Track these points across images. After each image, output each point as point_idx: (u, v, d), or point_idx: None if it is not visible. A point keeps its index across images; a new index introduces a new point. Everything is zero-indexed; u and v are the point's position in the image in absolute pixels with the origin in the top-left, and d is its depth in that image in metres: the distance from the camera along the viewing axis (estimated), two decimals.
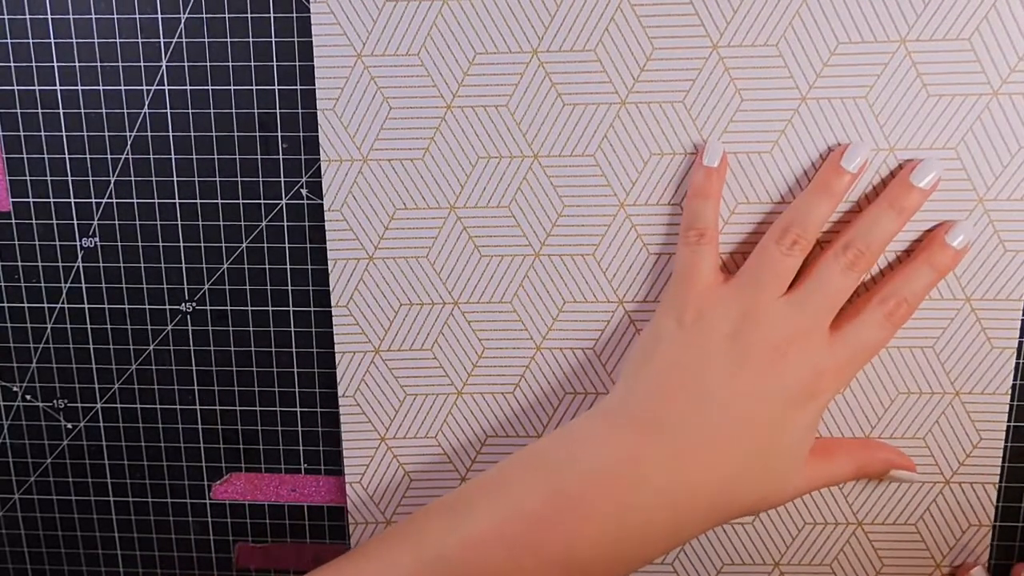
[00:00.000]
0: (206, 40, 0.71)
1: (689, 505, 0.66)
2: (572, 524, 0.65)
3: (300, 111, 0.72)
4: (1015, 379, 0.73)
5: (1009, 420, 0.74)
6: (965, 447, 0.75)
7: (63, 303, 0.77)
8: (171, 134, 0.73)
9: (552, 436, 0.70)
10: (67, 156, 0.74)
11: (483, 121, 0.71)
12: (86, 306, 0.77)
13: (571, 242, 0.73)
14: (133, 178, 0.74)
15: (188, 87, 0.72)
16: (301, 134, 0.72)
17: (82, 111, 0.73)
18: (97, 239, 0.76)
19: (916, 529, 0.77)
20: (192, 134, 0.73)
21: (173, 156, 0.73)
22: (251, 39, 0.71)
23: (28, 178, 0.75)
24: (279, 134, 0.72)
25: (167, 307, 0.77)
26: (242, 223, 0.74)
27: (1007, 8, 0.67)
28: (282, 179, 0.73)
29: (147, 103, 0.72)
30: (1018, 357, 0.73)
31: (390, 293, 0.75)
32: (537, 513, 0.65)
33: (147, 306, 0.77)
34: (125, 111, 0.73)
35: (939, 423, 0.75)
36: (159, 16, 0.71)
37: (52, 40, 0.72)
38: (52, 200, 0.75)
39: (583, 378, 0.76)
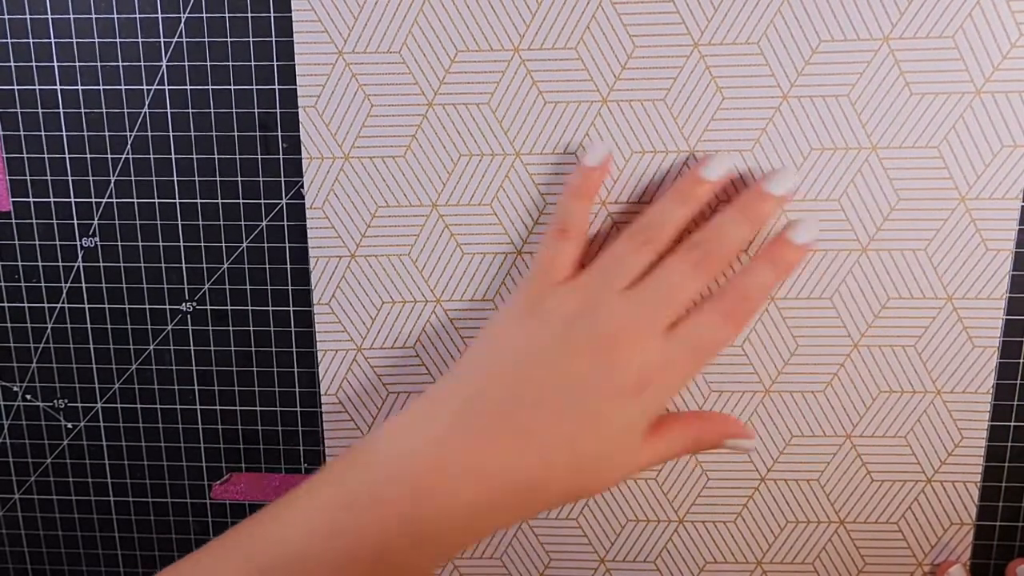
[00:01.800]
0: (206, 40, 0.69)
1: (497, 487, 0.62)
2: (371, 519, 0.61)
3: (300, 111, 0.69)
4: (996, 378, 0.71)
5: (990, 419, 0.71)
6: (947, 446, 0.72)
7: (63, 303, 0.75)
8: (171, 134, 0.71)
9: (382, 425, 0.65)
10: (67, 156, 0.72)
11: (464, 119, 0.69)
12: (86, 306, 0.75)
13: None
14: (133, 178, 0.72)
15: (188, 87, 0.70)
16: (300, 134, 0.69)
17: (82, 111, 0.71)
18: (97, 239, 0.73)
19: (898, 527, 0.74)
20: (192, 134, 0.70)
21: (173, 156, 0.71)
22: (251, 39, 0.68)
23: (28, 178, 0.72)
24: (279, 134, 0.70)
25: (167, 307, 0.74)
26: (242, 223, 0.72)
27: (991, 6, 0.64)
28: (282, 179, 0.71)
29: (147, 103, 0.70)
30: (1000, 356, 0.70)
31: (372, 291, 0.72)
32: (342, 519, 0.61)
33: (147, 306, 0.74)
34: (125, 111, 0.70)
35: (921, 422, 0.72)
36: (159, 16, 0.68)
37: (52, 40, 0.69)
38: (52, 200, 0.73)
39: None
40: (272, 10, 0.68)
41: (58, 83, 0.70)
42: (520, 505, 0.63)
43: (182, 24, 0.68)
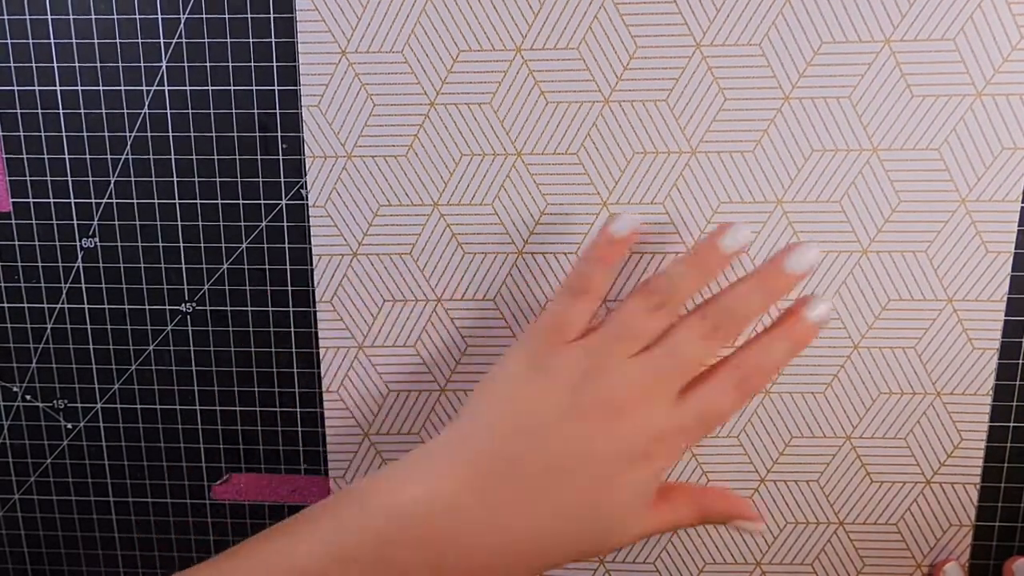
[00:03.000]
0: (206, 40, 0.68)
1: (510, 550, 0.61)
2: (385, 568, 0.59)
3: (300, 111, 0.68)
4: (996, 379, 0.70)
5: (990, 420, 0.71)
6: (946, 447, 0.71)
7: (63, 303, 0.74)
8: (171, 134, 0.69)
9: (388, 469, 0.63)
10: (67, 156, 0.70)
11: (466, 118, 0.68)
12: (86, 306, 0.74)
13: (554, 240, 0.69)
14: (133, 178, 0.71)
15: (188, 87, 0.69)
16: (301, 134, 0.69)
17: (82, 111, 0.69)
18: (97, 239, 0.72)
19: (897, 529, 0.73)
20: (192, 134, 0.69)
21: (173, 156, 0.70)
22: (251, 40, 0.67)
23: (28, 178, 0.71)
24: (279, 134, 0.69)
25: (167, 307, 0.73)
26: (242, 223, 0.71)
27: (992, 8, 0.63)
28: (282, 179, 0.70)
29: (147, 103, 0.69)
30: (999, 358, 0.69)
31: (374, 289, 0.71)
32: (351, 556, 0.58)
33: (147, 306, 0.73)
34: (125, 111, 0.69)
35: (920, 423, 0.71)
36: (159, 17, 0.67)
37: (52, 40, 0.68)
38: (52, 200, 0.71)
39: None
40: (272, 11, 0.67)
41: (58, 84, 0.69)
42: (526, 566, 0.62)
43: (182, 25, 0.67)
